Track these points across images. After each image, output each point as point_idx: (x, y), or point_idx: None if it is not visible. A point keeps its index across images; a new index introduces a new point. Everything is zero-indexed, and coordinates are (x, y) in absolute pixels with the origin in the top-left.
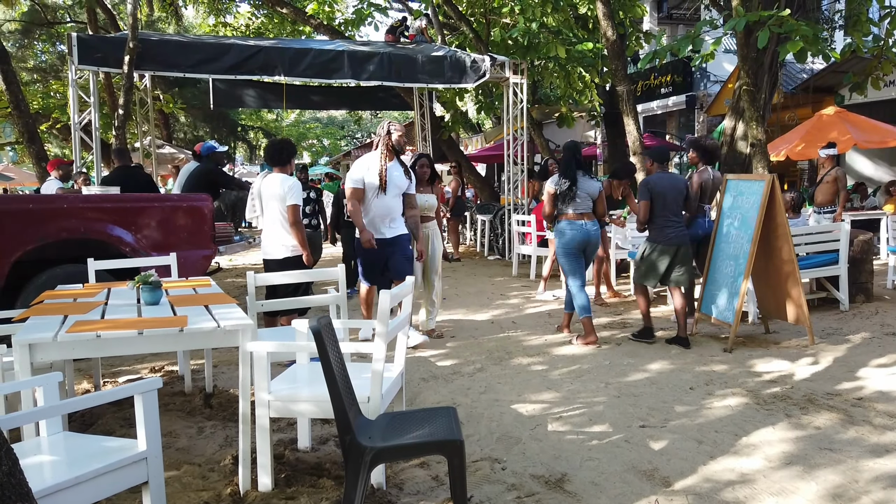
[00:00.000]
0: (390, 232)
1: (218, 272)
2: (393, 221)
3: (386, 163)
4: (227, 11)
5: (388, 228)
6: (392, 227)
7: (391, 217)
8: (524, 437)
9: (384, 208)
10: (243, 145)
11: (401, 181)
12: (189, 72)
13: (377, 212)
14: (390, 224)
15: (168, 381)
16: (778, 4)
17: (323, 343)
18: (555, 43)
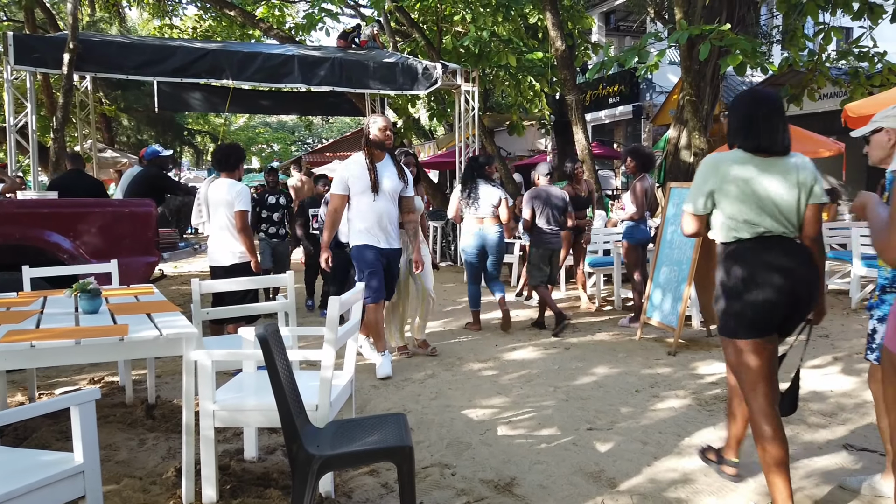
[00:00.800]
0: (389, 242)
1: (162, 279)
2: (392, 229)
3: (373, 162)
4: (172, 14)
5: (384, 237)
6: (391, 237)
7: (389, 222)
8: (474, 443)
9: (379, 215)
10: (190, 150)
11: (392, 183)
12: (132, 74)
13: (372, 220)
14: (389, 232)
15: (108, 393)
16: (719, 19)
17: (270, 351)
18: (506, 52)
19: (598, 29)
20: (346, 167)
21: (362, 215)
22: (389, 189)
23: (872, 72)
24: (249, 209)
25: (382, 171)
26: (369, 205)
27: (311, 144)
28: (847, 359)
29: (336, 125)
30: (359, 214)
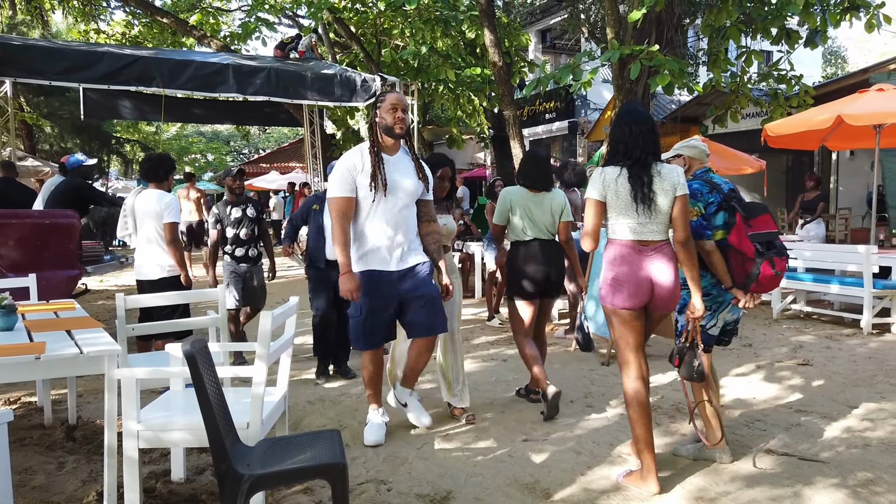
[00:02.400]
0: (406, 259)
1: (86, 294)
2: (408, 244)
3: (380, 154)
4: (99, 18)
5: (400, 255)
6: (409, 252)
7: (404, 236)
8: (411, 457)
9: (389, 223)
10: (118, 159)
11: (409, 182)
12: (56, 80)
13: (378, 230)
14: (406, 248)
15: (25, 414)
16: (648, 40)
17: (197, 367)
18: (445, 67)
19: (534, 46)
20: (346, 159)
21: (363, 228)
22: (405, 190)
23: (790, 93)
24: (179, 221)
25: (395, 165)
26: (375, 212)
27: (247, 155)
28: (769, 367)
29: (273, 136)
30: (357, 228)
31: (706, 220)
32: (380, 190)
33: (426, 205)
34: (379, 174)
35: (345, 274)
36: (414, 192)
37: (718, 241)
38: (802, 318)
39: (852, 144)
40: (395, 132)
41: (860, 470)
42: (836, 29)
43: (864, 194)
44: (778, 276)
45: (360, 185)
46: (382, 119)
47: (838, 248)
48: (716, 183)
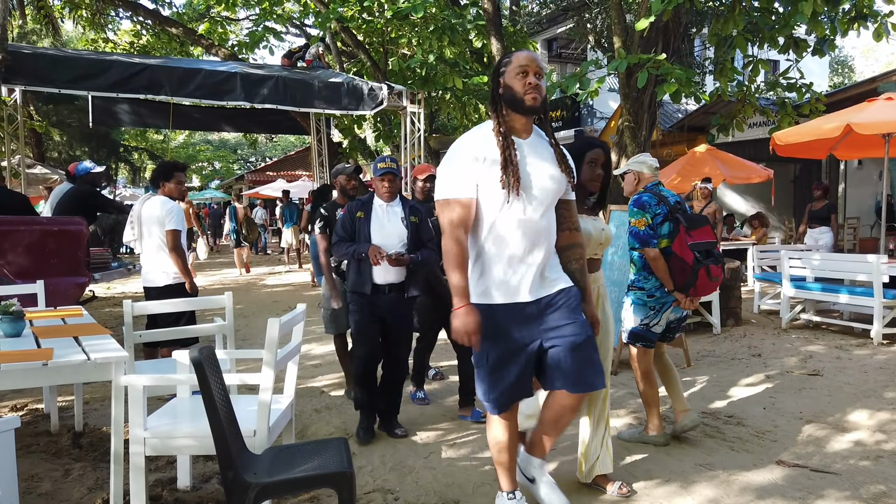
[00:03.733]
0: (545, 285)
1: (93, 301)
2: (547, 263)
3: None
4: (107, 27)
5: (537, 279)
6: (548, 275)
7: (543, 253)
8: (418, 466)
9: (524, 235)
10: (126, 167)
11: (551, 176)
12: (65, 88)
13: (508, 245)
14: (544, 269)
15: (31, 421)
16: (655, 49)
17: (204, 375)
18: (452, 75)
19: (540, 56)
20: (467, 145)
21: (482, 242)
22: (544, 188)
23: (801, 101)
24: (182, 228)
25: (530, 149)
26: (503, 219)
27: (254, 163)
28: (779, 377)
29: (280, 144)
30: (476, 240)
31: (652, 229)
32: (512, 188)
33: (568, 207)
34: (510, 166)
35: (461, 308)
36: (557, 191)
37: (663, 249)
38: (812, 328)
39: (860, 153)
40: (526, 105)
41: (872, 483)
42: (844, 38)
43: (872, 203)
44: (713, 281)
45: (485, 181)
46: (508, 88)
47: (848, 257)
48: (664, 195)
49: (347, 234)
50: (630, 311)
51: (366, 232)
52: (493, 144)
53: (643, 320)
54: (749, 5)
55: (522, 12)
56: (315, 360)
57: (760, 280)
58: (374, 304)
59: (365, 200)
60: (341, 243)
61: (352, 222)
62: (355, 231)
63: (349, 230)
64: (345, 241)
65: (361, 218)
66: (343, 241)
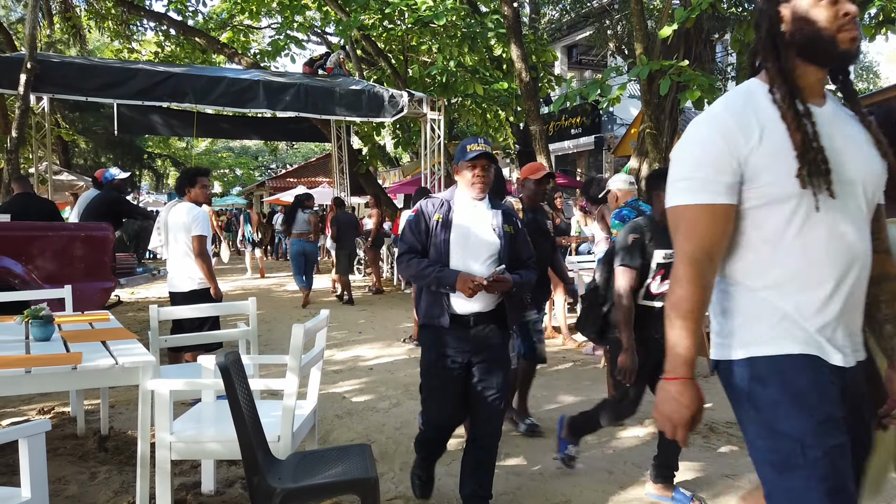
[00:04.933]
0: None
1: (119, 306)
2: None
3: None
4: (132, 38)
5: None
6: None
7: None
8: (440, 473)
9: (837, 258)
10: (149, 173)
11: (870, 163)
12: (92, 96)
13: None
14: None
15: (59, 424)
16: (677, 55)
17: (231, 380)
18: (472, 81)
19: (560, 62)
20: (717, 118)
21: (782, 267)
22: (866, 182)
23: None
24: (208, 234)
25: (834, 129)
26: (812, 233)
27: (274, 170)
28: None
29: (301, 151)
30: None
31: None
32: (816, 185)
33: (877, 216)
34: (811, 149)
35: (677, 381)
36: (878, 188)
37: None
38: None
39: None
40: (840, 49)
41: None
42: (871, 43)
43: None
44: None
45: (757, 173)
46: (804, 21)
47: None
48: (642, 210)
49: (420, 244)
50: None
51: (444, 242)
52: (770, 113)
53: None
54: None
55: (543, 19)
56: (336, 365)
57: None
58: (453, 343)
59: (442, 199)
60: (412, 259)
61: (425, 228)
62: (429, 240)
63: (421, 239)
64: (416, 256)
65: (439, 222)
66: (413, 254)
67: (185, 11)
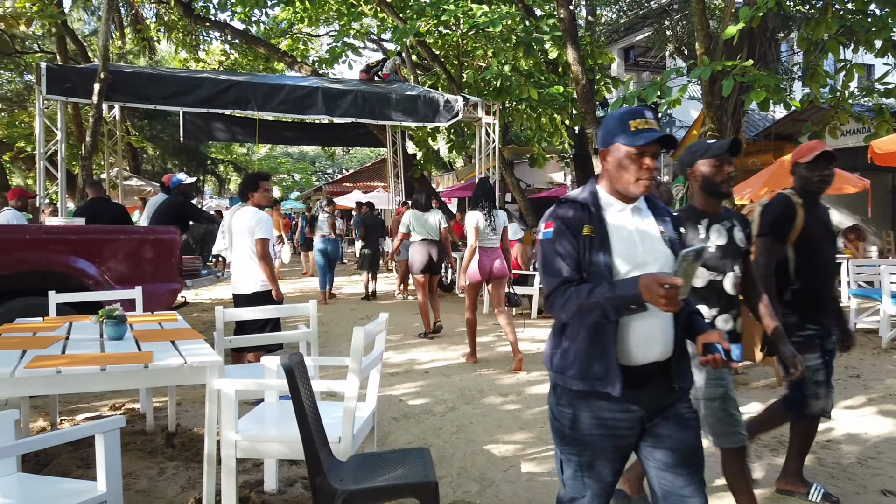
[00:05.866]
0: None
1: (184, 306)
2: None
3: None
4: (198, 48)
5: None
6: None
7: None
8: (497, 479)
9: None
10: (212, 178)
11: None
12: (160, 104)
13: None
14: None
15: (129, 420)
16: (740, 55)
17: (295, 381)
18: (527, 86)
19: (617, 64)
20: None
21: None
22: None
23: None
24: (271, 237)
25: None
26: None
27: (331, 175)
28: (881, 399)
29: (356, 156)
30: None
31: None
32: None
33: None
34: None
35: None
36: None
37: None
38: None
39: None
40: None
41: None
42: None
43: None
44: None
45: None
46: None
47: None
48: None
49: (577, 270)
50: None
51: (606, 267)
52: None
53: None
54: (843, 8)
55: (600, 21)
56: (393, 368)
57: (857, 296)
58: (618, 410)
59: (581, 201)
60: (568, 290)
61: (576, 245)
62: (585, 260)
63: (575, 262)
64: (568, 282)
65: (590, 239)
66: (569, 284)
67: (249, 21)
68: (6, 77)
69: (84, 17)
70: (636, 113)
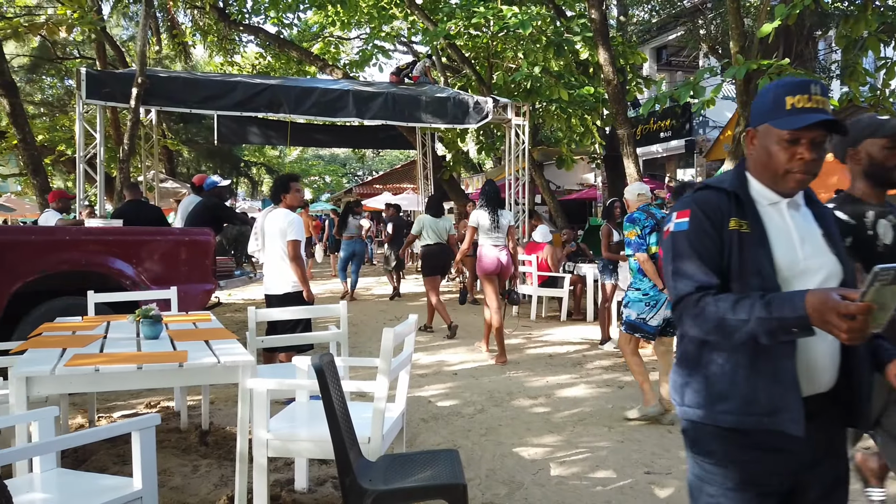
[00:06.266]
0: None
1: (218, 307)
2: None
3: None
4: (234, 51)
5: None
6: None
7: None
8: (526, 482)
9: None
10: (245, 181)
11: None
12: (195, 108)
13: None
14: None
15: (164, 417)
16: (776, 54)
17: (325, 381)
18: (557, 87)
19: (649, 64)
20: None
21: None
22: None
23: None
24: (302, 239)
25: None
26: None
27: (361, 177)
28: None
29: (386, 158)
30: None
31: (642, 238)
32: None
33: None
34: None
35: None
36: None
37: (653, 255)
38: None
39: None
40: None
41: None
42: None
43: None
44: None
45: None
46: None
47: None
48: (652, 212)
49: (716, 271)
50: (629, 307)
51: (766, 267)
52: None
53: (640, 315)
54: (883, 4)
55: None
56: (422, 369)
57: None
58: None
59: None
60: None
61: (719, 242)
62: (730, 261)
63: (714, 262)
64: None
65: (740, 233)
66: (705, 291)
67: (282, 25)
68: (48, 82)
69: (122, 24)
70: (798, 86)
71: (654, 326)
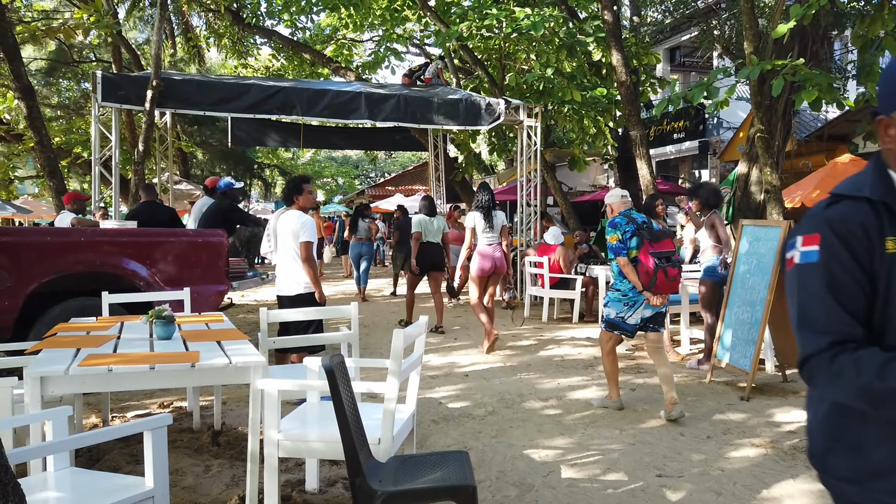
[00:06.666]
0: None
1: (230, 308)
2: None
3: None
4: (248, 54)
5: None
6: None
7: None
8: (537, 484)
9: None
10: (259, 183)
11: None
12: (209, 110)
13: None
14: None
15: (176, 417)
16: (791, 54)
17: (336, 382)
18: (570, 88)
19: (662, 65)
20: None
21: None
22: None
23: None
24: (314, 240)
25: None
26: None
27: (373, 178)
28: None
29: (399, 160)
30: None
31: (623, 242)
32: None
33: None
34: None
35: None
36: None
37: (633, 258)
38: None
39: None
40: None
41: None
42: None
43: None
44: (672, 281)
45: None
46: None
47: None
48: (633, 217)
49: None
50: (608, 306)
51: None
52: None
53: (619, 314)
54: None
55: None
56: (433, 371)
57: None
58: None
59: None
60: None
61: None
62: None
63: (857, 303)
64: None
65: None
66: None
67: (295, 27)
68: (65, 85)
69: (138, 27)
70: None
71: (633, 325)
